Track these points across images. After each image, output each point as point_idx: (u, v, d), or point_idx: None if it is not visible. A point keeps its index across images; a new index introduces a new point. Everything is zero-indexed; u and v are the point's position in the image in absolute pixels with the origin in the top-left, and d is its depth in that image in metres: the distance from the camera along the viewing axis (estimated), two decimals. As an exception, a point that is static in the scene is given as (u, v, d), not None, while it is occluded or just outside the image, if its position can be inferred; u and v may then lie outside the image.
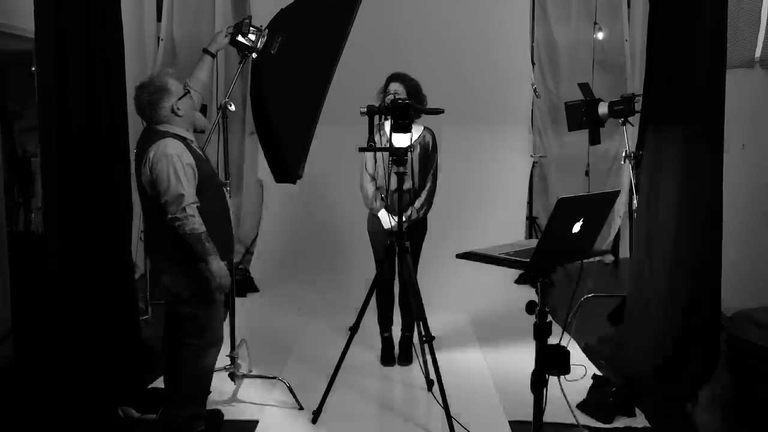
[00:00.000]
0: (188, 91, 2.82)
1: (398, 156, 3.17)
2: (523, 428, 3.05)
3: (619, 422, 3.18)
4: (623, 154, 4.65)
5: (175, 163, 2.61)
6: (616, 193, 2.43)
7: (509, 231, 5.43)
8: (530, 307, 2.21)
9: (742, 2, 4.62)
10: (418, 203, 3.72)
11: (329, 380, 3.20)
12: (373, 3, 4.20)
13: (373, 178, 3.78)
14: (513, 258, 2.19)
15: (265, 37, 3.30)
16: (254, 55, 3.33)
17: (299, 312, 4.85)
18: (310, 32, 3.43)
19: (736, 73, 4.43)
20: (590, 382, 3.32)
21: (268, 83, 3.46)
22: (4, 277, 4.08)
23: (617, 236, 6.51)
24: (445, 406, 3.00)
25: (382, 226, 3.70)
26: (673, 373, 3.45)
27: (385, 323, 3.97)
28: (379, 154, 3.65)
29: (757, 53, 4.51)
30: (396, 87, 3.63)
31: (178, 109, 2.74)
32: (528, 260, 2.13)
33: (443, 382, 3.04)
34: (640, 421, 3.20)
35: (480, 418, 3.18)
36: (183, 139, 2.73)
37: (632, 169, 4.62)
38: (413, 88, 3.68)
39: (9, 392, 3.50)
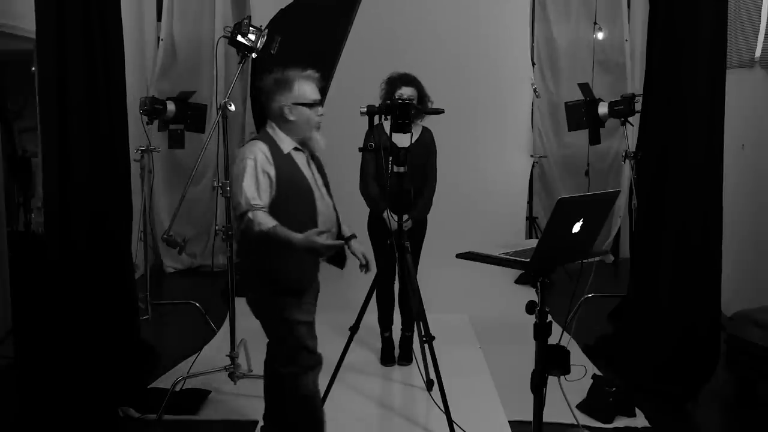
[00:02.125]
0: (315, 104, 2.60)
1: (398, 156, 3.17)
2: (523, 428, 3.05)
3: (619, 422, 3.18)
4: (623, 154, 4.66)
5: (247, 167, 2.45)
6: (616, 193, 2.43)
7: (509, 231, 5.44)
8: (530, 307, 2.21)
9: (742, 2, 4.62)
10: (419, 203, 3.72)
11: (329, 380, 3.20)
12: (373, 3, 4.21)
13: (375, 179, 3.77)
14: (513, 258, 2.18)
15: (265, 37, 3.30)
16: (254, 55, 3.33)
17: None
18: (310, 32, 3.44)
19: (736, 73, 4.43)
20: (590, 382, 3.32)
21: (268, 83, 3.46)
22: (4, 277, 4.09)
23: (617, 236, 6.51)
24: (445, 407, 3.00)
25: (383, 226, 3.69)
26: (673, 373, 3.45)
27: (385, 323, 3.97)
28: (379, 153, 3.65)
29: (757, 53, 4.51)
30: (409, 92, 3.59)
31: (289, 111, 2.56)
32: (528, 260, 2.12)
33: (443, 382, 3.04)
34: (640, 421, 3.20)
35: (480, 418, 3.18)
36: (277, 147, 2.55)
37: (632, 169, 4.62)
38: (423, 91, 3.67)
39: (9, 392, 3.50)
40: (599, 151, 6.32)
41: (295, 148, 2.62)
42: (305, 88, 2.59)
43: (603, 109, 4.66)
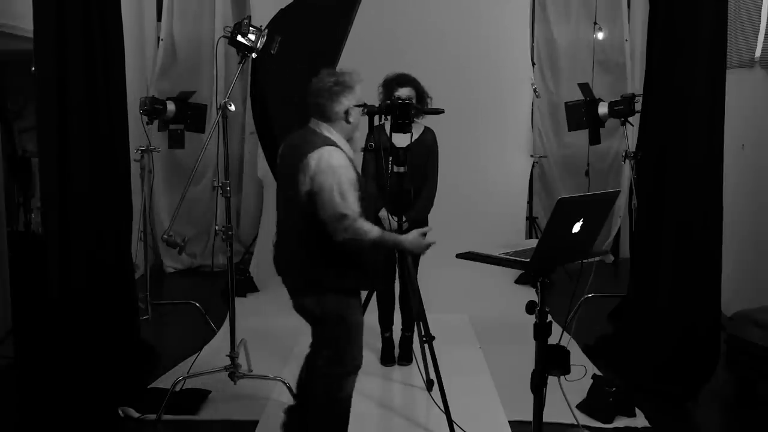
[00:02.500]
0: (366, 105, 2.72)
1: (397, 156, 3.17)
2: (523, 428, 3.05)
3: (619, 422, 3.18)
4: (623, 154, 4.66)
5: (341, 177, 2.40)
6: (616, 193, 2.43)
7: (509, 231, 5.44)
8: (530, 307, 2.21)
9: (742, 2, 4.62)
10: (418, 204, 3.72)
11: (329, 380, 3.20)
12: (373, 3, 4.21)
13: (374, 179, 3.77)
14: (513, 258, 2.18)
15: (265, 37, 3.30)
16: (254, 55, 3.33)
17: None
18: (310, 32, 3.44)
19: (736, 73, 4.43)
20: (590, 382, 3.32)
21: (268, 83, 3.46)
22: (4, 277, 4.09)
23: (617, 236, 6.51)
24: (445, 407, 3.00)
25: (382, 227, 3.68)
26: (673, 373, 3.45)
27: (385, 323, 3.97)
28: (379, 153, 3.64)
29: (757, 53, 4.51)
30: (406, 92, 3.56)
31: (349, 114, 2.56)
32: (528, 260, 2.12)
33: (443, 382, 3.04)
34: (640, 421, 3.20)
35: (480, 418, 3.18)
36: (343, 152, 2.53)
37: (632, 169, 4.62)
38: (422, 90, 3.66)
39: (9, 392, 3.50)
40: (599, 151, 6.32)
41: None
42: (359, 89, 2.62)
43: (603, 109, 4.66)
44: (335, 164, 2.42)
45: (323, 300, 2.57)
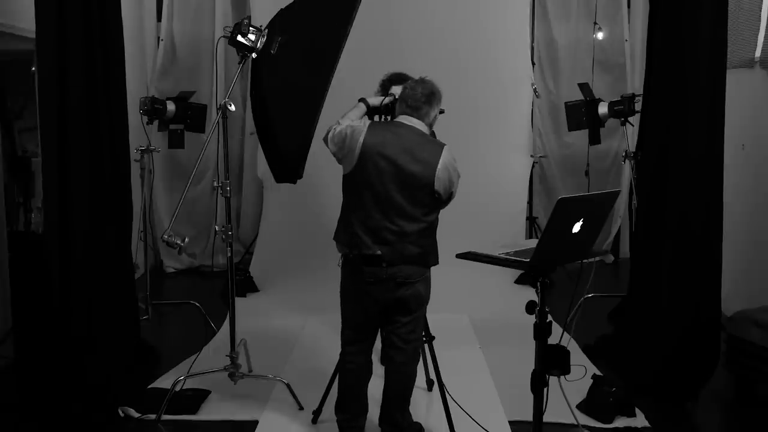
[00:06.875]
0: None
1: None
2: (523, 428, 3.05)
3: (619, 422, 3.18)
4: (623, 154, 4.66)
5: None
6: (616, 193, 2.43)
7: (509, 231, 5.44)
8: (530, 307, 2.21)
9: (742, 2, 4.62)
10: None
11: (329, 380, 3.20)
12: (373, 3, 4.21)
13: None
14: (513, 258, 2.19)
15: (265, 37, 3.30)
16: (254, 55, 3.33)
17: (299, 311, 4.85)
18: (310, 32, 3.43)
19: (736, 73, 4.43)
20: (590, 382, 3.32)
21: (268, 83, 3.46)
22: (4, 277, 4.09)
23: (617, 236, 6.51)
24: (445, 407, 3.00)
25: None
26: (673, 373, 3.45)
27: (385, 323, 3.96)
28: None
29: (757, 53, 4.51)
30: (400, 91, 3.57)
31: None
32: (528, 260, 2.13)
33: (443, 382, 3.04)
34: (640, 421, 3.20)
35: (480, 418, 3.18)
36: None
37: (632, 169, 4.62)
38: None
39: (9, 392, 3.50)
40: (599, 151, 6.32)
41: None
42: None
43: (603, 109, 4.66)
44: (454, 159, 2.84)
45: (428, 279, 2.86)
